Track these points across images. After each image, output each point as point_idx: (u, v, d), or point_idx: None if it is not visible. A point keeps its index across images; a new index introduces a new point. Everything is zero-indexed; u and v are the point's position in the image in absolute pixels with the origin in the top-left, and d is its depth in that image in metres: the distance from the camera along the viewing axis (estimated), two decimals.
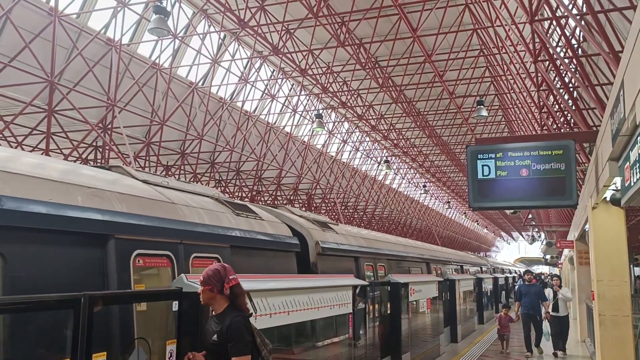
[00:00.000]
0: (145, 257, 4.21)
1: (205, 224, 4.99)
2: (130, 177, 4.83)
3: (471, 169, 7.55)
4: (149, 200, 4.47)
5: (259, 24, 16.04)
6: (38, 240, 3.36)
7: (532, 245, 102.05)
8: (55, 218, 3.41)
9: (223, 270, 3.85)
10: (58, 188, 3.60)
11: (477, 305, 20.41)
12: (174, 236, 4.49)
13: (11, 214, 3.12)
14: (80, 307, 3.38)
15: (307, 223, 7.68)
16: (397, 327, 9.71)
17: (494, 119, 26.37)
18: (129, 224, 4.00)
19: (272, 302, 5.31)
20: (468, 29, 17.53)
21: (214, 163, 21.84)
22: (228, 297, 3.81)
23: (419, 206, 47.99)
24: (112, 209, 3.92)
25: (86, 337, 3.40)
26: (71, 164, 4.69)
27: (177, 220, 4.61)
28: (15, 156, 3.81)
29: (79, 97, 14.45)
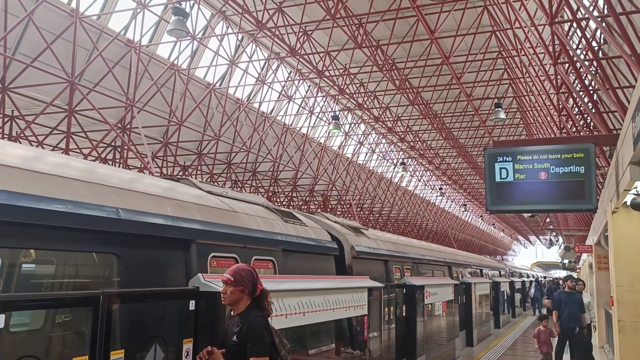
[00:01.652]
0: (218, 259, 4.79)
1: (262, 230, 5.58)
2: (197, 189, 5.38)
3: (489, 172, 7.48)
4: (217, 210, 5.09)
5: (276, 26, 16.08)
6: (141, 244, 3.94)
7: (550, 250, 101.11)
8: (156, 226, 4.03)
9: (254, 272, 3.87)
10: (153, 200, 4.24)
11: (493, 309, 20.27)
12: (238, 241, 5.08)
13: (125, 222, 3.74)
14: (99, 304, 3.45)
15: (342, 228, 8.24)
16: (412, 329, 9.68)
17: (512, 121, 26.14)
18: (206, 230, 4.63)
19: (288, 303, 5.34)
20: (486, 31, 17.39)
21: (230, 164, 21.93)
22: (251, 297, 3.83)
23: (434, 209, 47.73)
24: (193, 218, 4.52)
25: (105, 334, 3.45)
26: (151, 177, 5.29)
27: (241, 227, 5.21)
28: (116, 174, 4.43)
29: (99, 98, 14.61)
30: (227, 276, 3.82)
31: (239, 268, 3.88)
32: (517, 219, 67.28)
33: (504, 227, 77.54)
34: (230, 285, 3.79)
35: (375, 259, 8.91)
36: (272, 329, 3.86)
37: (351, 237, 8.10)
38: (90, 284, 3.83)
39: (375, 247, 9.08)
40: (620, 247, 8.28)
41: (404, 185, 39.73)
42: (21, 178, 3.21)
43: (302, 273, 6.23)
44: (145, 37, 16.45)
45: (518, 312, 27.16)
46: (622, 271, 8.28)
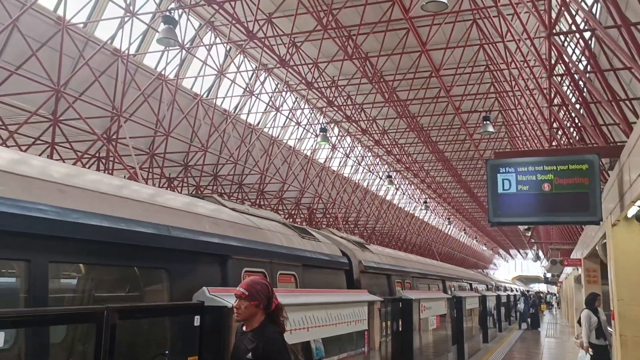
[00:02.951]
0: (250, 274, 4.85)
1: (285, 246, 5.85)
2: (222, 206, 5.55)
3: (491, 183, 7.34)
4: (246, 227, 5.34)
5: (266, 36, 15.94)
6: (186, 260, 4.16)
7: (529, 264, 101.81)
8: (200, 243, 4.26)
9: (269, 286, 3.65)
10: (194, 218, 4.46)
11: (481, 324, 20.14)
12: (266, 256, 5.30)
13: (174, 239, 3.96)
14: (103, 320, 3.23)
15: (348, 244, 8.52)
16: (409, 343, 9.50)
17: (497, 135, 26.23)
18: (240, 247, 4.87)
19: (292, 318, 5.14)
20: (475, 44, 17.46)
21: (217, 176, 21.63)
22: (266, 312, 3.61)
23: (419, 222, 47.76)
24: (228, 235, 4.77)
25: (108, 352, 3.23)
26: (181, 195, 5.55)
27: (267, 243, 5.46)
28: (157, 192, 4.75)
29: (84, 107, 14.28)
30: (242, 290, 3.58)
31: (254, 282, 3.65)
32: (499, 233, 67.72)
33: (485, 240, 77.97)
34: (244, 299, 3.56)
35: (380, 274, 9.13)
36: (288, 346, 3.64)
37: (358, 252, 8.34)
38: (143, 298, 4.02)
39: (380, 261, 9.32)
40: (620, 260, 8.18)
41: (388, 198, 39.69)
42: (93, 200, 3.48)
43: (319, 287, 6.50)
44: (132, 47, 16.17)
45: (504, 326, 27.12)
46: (622, 285, 8.18)
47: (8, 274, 3.09)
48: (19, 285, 3.03)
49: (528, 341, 22.43)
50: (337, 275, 7.34)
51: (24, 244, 2.94)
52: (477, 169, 33.38)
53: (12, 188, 2.97)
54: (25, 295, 2.96)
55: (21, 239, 2.92)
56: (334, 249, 7.54)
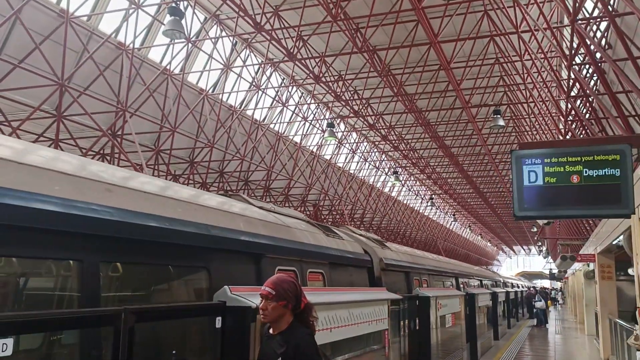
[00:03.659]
0: (283, 272, 4.89)
1: (313, 244, 5.88)
2: (249, 204, 5.52)
3: (516, 175, 7.00)
4: (276, 225, 5.32)
5: (273, 28, 15.62)
6: (225, 259, 4.18)
7: (531, 260, 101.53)
8: (238, 242, 4.32)
9: (297, 284, 3.33)
10: (229, 217, 4.49)
11: (492, 321, 19.86)
12: (297, 255, 5.34)
13: (214, 238, 3.97)
14: (121, 322, 2.94)
15: (368, 241, 8.55)
16: (426, 342, 9.26)
17: (505, 129, 25.83)
18: (273, 245, 4.88)
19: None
20: (485, 36, 17.11)
21: (223, 172, 21.32)
22: (294, 313, 3.30)
23: (424, 219, 47.44)
24: (261, 234, 4.77)
25: (127, 354, 2.94)
26: (210, 193, 5.36)
27: (298, 241, 5.49)
28: (196, 192, 4.75)
29: (88, 102, 13.97)
30: (268, 289, 3.26)
31: (281, 280, 3.32)
32: (503, 229, 67.31)
33: (490, 237, 77.61)
34: (271, 300, 3.23)
35: (399, 271, 9.12)
36: (320, 349, 3.33)
37: (378, 250, 8.34)
38: (187, 297, 3.99)
39: (399, 259, 9.34)
40: None
41: (394, 195, 39.36)
42: (139, 200, 3.48)
43: (344, 285, 6.48)
44: (137, 41, 15.84)
45: (512, 322, 26.82)
46: None
47: (61, 274, 3.05)
48: (71, 285, 3.03)
49: (538, 338, 22.15)
50: (361, 273, 7.31)
51: (77, 244, 2.92)
52: (483, 164, 33.02)
53: (65, 188, 2.94)
54: (78, 295, 2.95)
55: (74, 239, 2.89)
56: (357, 247, 7.52)
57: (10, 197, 2.57)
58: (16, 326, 2.45)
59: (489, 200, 43.69)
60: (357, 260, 7.18)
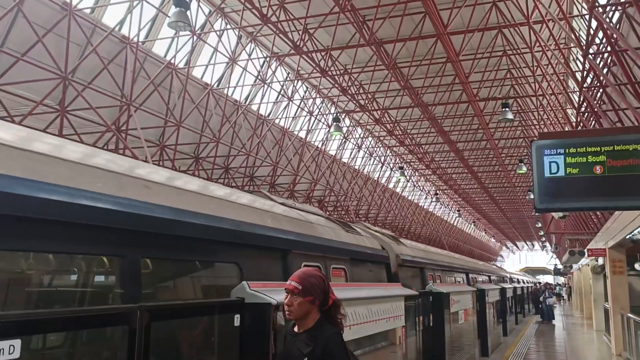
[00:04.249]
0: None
1: (335, 240, 5.93)
2: (272, 201, 5.53)
3: (537, 167, 6.74)
4: (300, 221, 5.39)
5: (279, 20, 15.38)
6: (255, 254, 4.19)
7: (534, 255, 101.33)
8: (267, 237, 4.32)
9: (325, 278, 3.10)
10: (257, 213, 4.53)
11: (501, 317, 19.65)
12: (321, 251, 5.40)
13: (244, 234, 3.98)
14: (137, 320, 2.72)
15: (384, 237, 8.58)
16: (440, 338, 9.08)
17: (512, 123, 25.53)
18: (299, 241, 4.92)
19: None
20: (494, 27, 16.84)
21: (228, 168, 21.10)
22: (321, 310, 3.07)
23: (429, 215, 47.21)
24: (287, 230, 4.82)
25: (143, 354, 2.74)
26: (242, 191, 5.49)
27: (321, 237, 5.56)
28: (227, 189, 4.83)
29: (92, 98, 13.74)
30: (294, 284, 3.03)
31: (307, 274, 3.09)
32: (508, 225, 67.05)
33: (494, 232, 77.36)
34: (297, 295, 3.00)
35: (415, 267, 9.16)
36: (349, 349, 3.11)
37: (395, 246, 8.35)
38: (221, 293, 3.97)
39: (414, 255, 9.39)
40: None
41: (398, 191, 39.12)
42: (174, 196, 3.51)
43: (365, 280, 6.52)
44: (141, 34, 15.61)
45: (519, 318, 26.63)
46: None
47: (105, 270, 3.08)
48: (114, 281, 3.05)
49: (546, 334, 21.94)
50: (379, 269, 7.34)
51: (120, 240, 2.91)
52: (489, 160, 32.75)
53: (107, 185, 2.92)
54: (121, 291, 2.96)
55: (117, 235, 2.88)
56: (375, 243, 7.59)
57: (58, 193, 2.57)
58: (23, 326, 2.24)
59: (493, 195, 43.45)
60: (375, 256, 7.20)
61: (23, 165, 2.53)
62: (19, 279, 2.65)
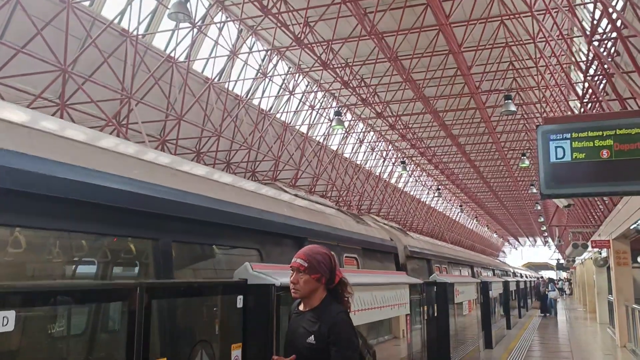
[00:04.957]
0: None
1: (348, 230, 6.21)
2: (285, 192, 5.73)
3: (543, 152, 6.65)
4: (314, 211, 5.70)
5: (280, 12, 15.27)
6: (274, 241, 4.38)
7: (536, 251, 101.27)
8: (285, 225, 4.54)
9: (332, 256, 3.01)
10: (276, 203, 4.81)
11: (504, 310, 19.59)
12: (335, 239, 5.59)
13: (266, 222, 4.22)
14: (136, 298, 2.65)
15: (393, 230, 8.86)
16: (444, 328, 9.01)
17: (514, 116, 25.37)
18: (314, 230, 5.14)
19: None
20: (495, 18, 16.72)
21: (230, 163, 21.02)
22: (327, 288, 2.99)
23: (431, 210, 47.11)
24: (303, 219, 5.06)
25: (143, 335, 2.65)
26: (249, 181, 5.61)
27: (335, 227, 5.81)
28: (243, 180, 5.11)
29: (92, 91, 13.66)
30: (299, 261, 2.94)
31: (313, 251, 3.00)
32: (511, 221, 66.92)
33: (496, 228, 77.24)
34: (303, 272, 2.92)
35: (422, 258, 9.36)
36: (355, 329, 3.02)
37: (403, 238, 8.58)
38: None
39: (422, 247, 9.62)
40: None
41: (400, 186, 39.02)
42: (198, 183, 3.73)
43: (375, 269, 6.73)
44: (141, 27, 15.52)
45: (522, 312, 26.57)
46: None
47: (139, 252, 3.22)
48: (148, 262, 3.18)
49: (550, 327, 21.88)
50: (389, 260, 7.53)
51: (153, 224, 3.08)
52: (491, 154, 32.61)
53: (140, 172, 3.13)
54: (155, 272, 3.10)
55: (151, 220, 3.05)
56: (384, 234, 7.85)
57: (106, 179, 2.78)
58: (18, 298, 2.17)
59: (495, 190, 43.31)
60: (385, 246, 7.41)
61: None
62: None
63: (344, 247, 5.81)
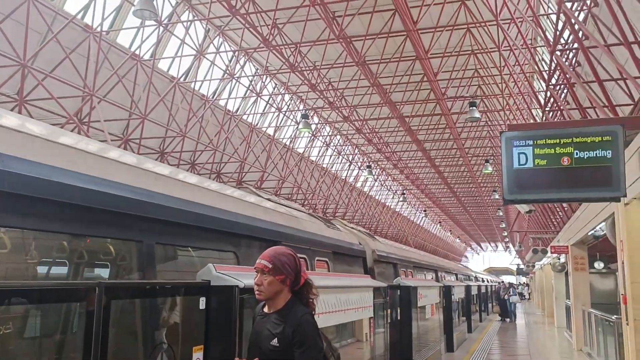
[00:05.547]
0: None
1: (319, 234, 6.38)
2: (258, 196, 5.91)
3: (506, 158, 6.76)
4: (287, 215, 5.77)
5: (248, 12, 15.18)
6: (249, 244, 4.48)
7: (498, 256, 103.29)
8: (260, 229, 4.72)
9: (296, 257, 2.97)
10: (250, 207, 4.91)
11: (466, 313, 19.87)
12: (308, 243, 5.80)
13: (242, 226, 4.40)
14: (95, 298, 2.57)
15: (360, 234, 9.01)
16: (407, 331, 9.08)
17: (478, 122, 25.83)
18: (288, 234, 5.27)
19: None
20: (461, 26, 16.99)
21: (194, 164, 20.77)
22: (292, 289, 2.95)
23: (395, 215, 47.52)
24: (278, 223, 5.20)
25: (101, 337, 2.57)
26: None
27: (307, 231, 6.00)
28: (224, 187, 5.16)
29: (53, 87, 13.29)
30: (263, 263, 2.89)
31: (278, 252, 2.96)
32: (473, 227, 68.09)
33: (459, 233, 78.41)
34: (268, 274, 2.87)
35: (389, 262, 9.57)
36: (320, 331, 2.98)
37: (370, 242, 8.78)
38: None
39: (389, 251, 9.80)
40: (635, 241, 7.77)
41: (366, 190, 39.25)
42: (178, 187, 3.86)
43: (345, 272, 6.98)
44: (105, 23, 15.19)
45: (483, 316, 26.99)
46: (636, 267, 7.77)
47: (124, 253, 3.34)
48: (133, 263, 3.29)
49: (509, 331, 22.27)
50: (357, 263, 7.75)
51: (139, 226, 3.20)
52: (455, 159, 33.11)
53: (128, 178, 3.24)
54: (139, 273, 3.23)
55: (136, 222, 3.18)
56: (353, 238, 8.04)
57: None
58: None
59: (459, 196, 43.99)
60: (354, 250, 7.62)
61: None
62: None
63: (316, 250, 6.00)
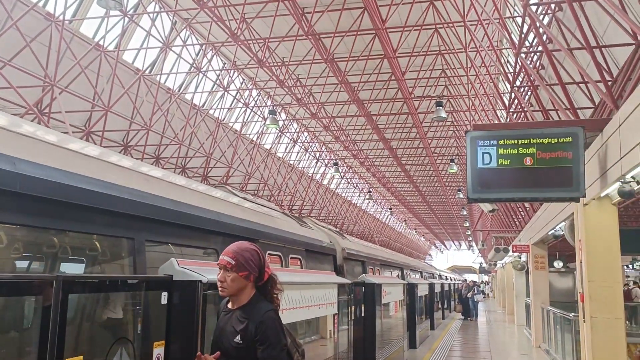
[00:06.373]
0: (271, 256, 5.69)
1: (294, 233, 6.63)
2: (236, 196, 6.12)
3: (471, 157, 6.88)
4: (263, 214, 6.01)
5: (216, 6, 14.99)
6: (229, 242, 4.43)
7: (462, 254, 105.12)
8: (241, 228, 4.99)
9: (260, 252, 2.93)
10: (231, 206, 5.15)
11: (429, 311, 20.12)
12: (282, 241, 6.02)
13: (223, 224, 4.65)
14: (52, 292, 2.51)
15: (331, 233, 9.29)
16: (371, 328, 9.12)
17: (444, 122, 26.14)
18: (264, 232, 5.53)
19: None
20: (430, 26, 17.16)
21: (159, 158, 20.44)
22: (256, 285, 2.91)
23: (362, 212, 47.78)
24: (255, 221, 5.47)
25: (58, 332, 2.50)
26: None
27: (282, 230, 6.22)
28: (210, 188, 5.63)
29: (11, 76, 12.88)
30: (227, 259, 2.85)
31: (241, 248, 2.92)
32: (438, 225, 69.05)
33: (424, 232, 79.37)
34: (231, 270, 2.83)
35: (358, 260, 9.90)
36: (284, 326, 2.96)
37: (340, 240, 9.04)
38: None
39: (358, 249, 10.15)
40: (592, 241, 7.96)
41: (333, 187, 39.34)
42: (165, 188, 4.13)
43: (317, 270, 7.20)
44: (68, 12, 14.79)
45: (445, 314, 27.35)
46: (594, 266, 7.97)
47: (116, 249, 3.55)
48: (125, 259, 3.49)
49: (471, 329, 22.64)
50: (328, 261, 8.03)
51: (130, 224, 3.41)
52: (421, 158, 33.49)
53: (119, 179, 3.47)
54: (131, 267, 3.42)
55: (128, 220, 3.39)
56: (325, 237, 8.32)
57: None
58: None
59: (424, 194, 44.52)
60: (325, 248, 7.88)
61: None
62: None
63: (290, 248, 6.23)
